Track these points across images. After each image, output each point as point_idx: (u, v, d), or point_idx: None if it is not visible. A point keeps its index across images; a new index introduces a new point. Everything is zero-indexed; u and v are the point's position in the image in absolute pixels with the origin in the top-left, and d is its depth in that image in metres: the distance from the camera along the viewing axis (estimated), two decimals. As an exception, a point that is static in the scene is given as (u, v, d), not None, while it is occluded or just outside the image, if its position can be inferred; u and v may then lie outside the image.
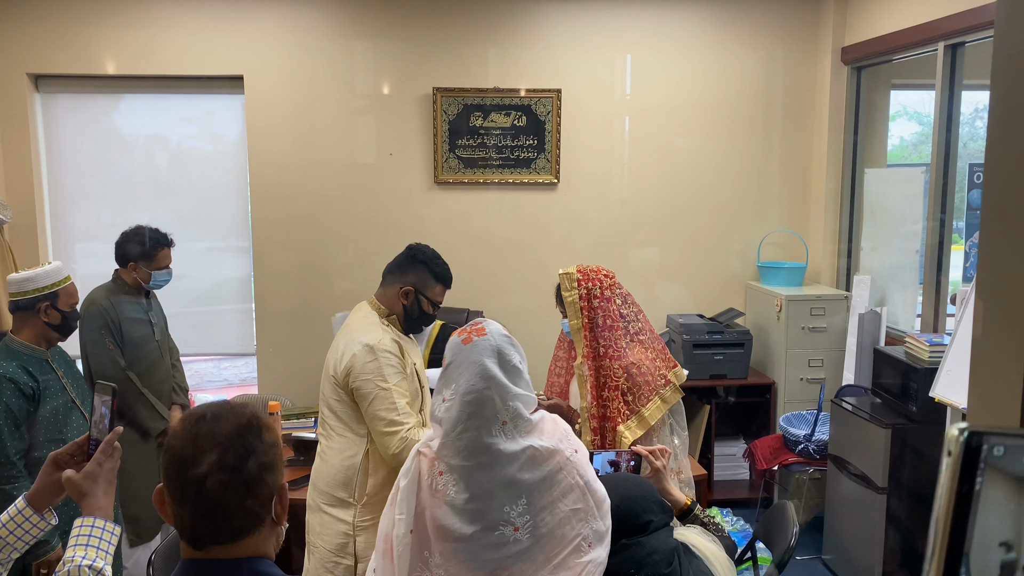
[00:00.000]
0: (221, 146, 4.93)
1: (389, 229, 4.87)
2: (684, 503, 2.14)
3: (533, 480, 1.60)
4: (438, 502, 1.61)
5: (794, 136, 5.02)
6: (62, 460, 1.58)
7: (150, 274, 3.55)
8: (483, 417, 1.60)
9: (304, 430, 3.59)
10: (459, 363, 1.66)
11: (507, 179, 4.87)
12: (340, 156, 4.81)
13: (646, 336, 2.65)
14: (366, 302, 2.66)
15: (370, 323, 2.55)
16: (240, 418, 1.26)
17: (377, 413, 2.43)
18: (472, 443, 1.60)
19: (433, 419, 1.69)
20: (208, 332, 5.02)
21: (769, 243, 5.05)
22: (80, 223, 4.88)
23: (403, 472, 1.69)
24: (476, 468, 1.59)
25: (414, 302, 2.60)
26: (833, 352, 4.63)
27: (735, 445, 4.92)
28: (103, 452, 1.55)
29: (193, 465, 1.22)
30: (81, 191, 4.84)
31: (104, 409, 1.59)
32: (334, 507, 2.54)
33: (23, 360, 2.70)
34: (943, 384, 3.35)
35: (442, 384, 1.68)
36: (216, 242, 4.98)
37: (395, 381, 2.44)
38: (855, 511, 3.81)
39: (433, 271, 2.63)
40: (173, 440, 1.26)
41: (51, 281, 2.75)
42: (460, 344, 1.69)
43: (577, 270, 2.66)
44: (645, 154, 4.95)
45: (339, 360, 2.51)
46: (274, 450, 1.28)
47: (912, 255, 4.29)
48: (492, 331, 1.70)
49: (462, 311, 4.77)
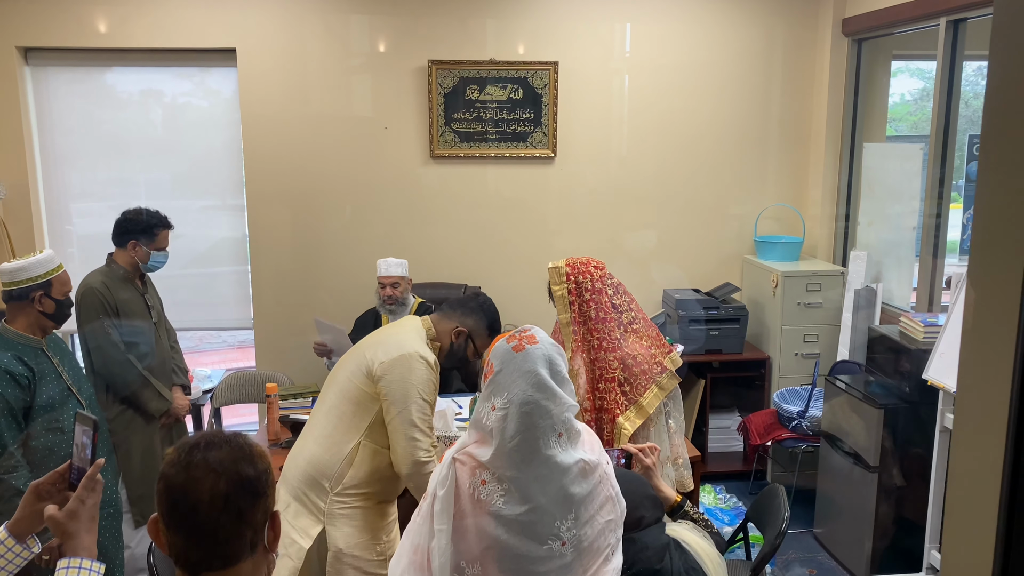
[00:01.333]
0: (216, 102, 4.84)
1: (385, 204, 4.85)
2: (674, 500, 2.17)
3: (582, 494, 1.59)
4: (481, 512, 1.57)
5: (793, 109, 4.97)
6: (43, 490, 1.57)
7: (149, 253, 3.53)
8: (541, 428, 1.57)
9: (301, 411, 3.61)
10: (511, 371, 1.60)
11: (503, 153, 4.84)
12: (334, 131, 4.76)
13: (640, 325, 2.66)
14: (420, 319, 2.67)
15: (420, 337, 2.58)
16: (233, 446, 1.28)
17: (410, 419, 2.43)
18: (531, 454, 1.56)
19: (476, 426, 1.64)
20: (206, 296, 5.02)
21: (766, 217, 5.03)
22: (76, 182, 4.85)
23: (438, 482, 1.63)
24: (533, 480, 1.56)
25: (463, 343, 2.65)
26: (828, 328, 4.65)
27: (729, 418, 4.96)
28: (85, 488, 1.52)
29: (187, 492, 1.23)
30: (75, 151, 4.80)
31: (85, 439, 1.57)
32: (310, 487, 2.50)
33: (18, 350, 2.70)
34: (936, 366, 3.37)
35: (490, 391, 1.63)
36: (212, 200, 4.94)
37: (432, 399, 2.49)
38: (846, 488, 3.86)
39: (490, 324, 2.69)
40: (167, 468, 1.27)
41: (44, 270, 2.75)
42: (511, 351, 1.63)
43: (566, 263, 2.66)
44: (642, 127, 4.91)
45: (384, 353, 2.49)
46: (267, 477, 1.29)
47: (909, 232, 4.29)
48: (542, 339, 1.66)
49: (459, 286, 4.77)
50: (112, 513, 2.97)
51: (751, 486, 4.66)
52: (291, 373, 4.59)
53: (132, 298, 3.52)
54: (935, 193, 4.09)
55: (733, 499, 4.22)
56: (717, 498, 4.18)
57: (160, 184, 4.91)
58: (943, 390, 3.31)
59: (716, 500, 4.17)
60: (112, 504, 2.97)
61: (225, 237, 4.96)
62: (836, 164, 4.88)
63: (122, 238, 3.54)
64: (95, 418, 1.58)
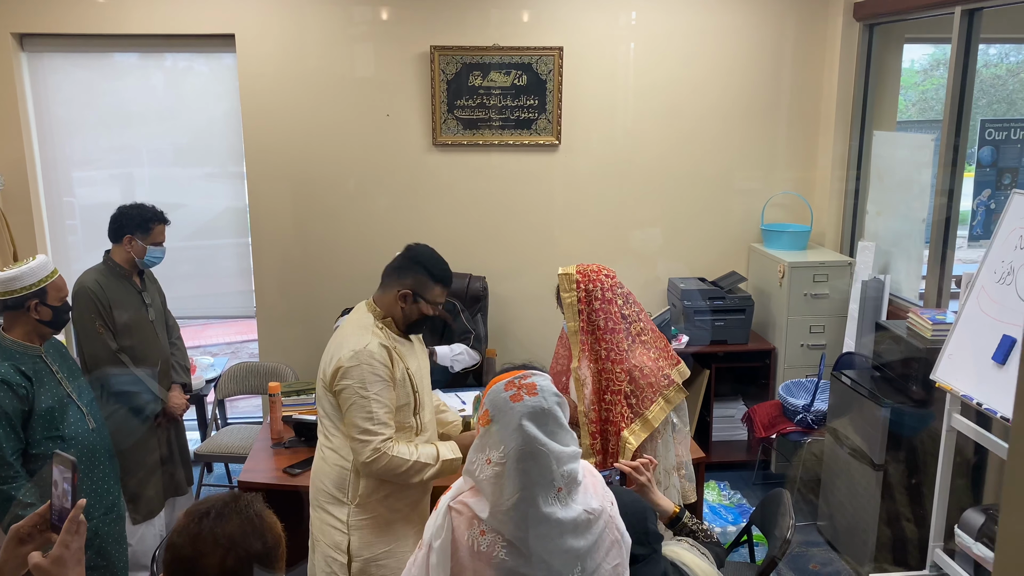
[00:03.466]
0: (217, 68, 4.76)
1: (386, 192, 4.80)
2: (672, 512, 2.14)
3: (587, 546, 1.53)
4: (482, 564, 1.51)
5: (802, 95, 4.88)
6: (24, 533, 1.54)
7: (145, 248, 3.49)
8: (539, 486, 1.49)
9: (305, 408, 3.59)
10: (508, 423, 1.52)
11: (507, 140, 4.76)
12: (335, 118, 4.69)
13: (648, 336, 2.61)
14: (364, 303, 2.62)
15: (362, 327, 2.52)
16: (244, 518, 1.25)
17: (353, 420, 2.43)
18: (528, 514, 1.49)
19: (470, 476, 1.57)
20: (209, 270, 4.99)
21: (774, 205, 4.97)
22: (79, 150, 4.81)
23: (433, 532, 1.57)
24: (535, 538, 1.50)
25: (412, 305, 2.54)
26: (834, 319, 4.61)
27: (734, 407, 4.95)
28: (68, 532, 1.48)
29: (193, 567, 1.21)
30: (74, 129, 4.76)
31: (66, 486, 1.52)
32: (331, 504, 2.56)
33: (15, 359, 2.68)
34: (944, 368, 3.33)
35: (485, 442, 1.54)
36: (213, 168, 4.90)
37: (376, 390, 2.42)
38: (851, 484, 3.85)
39: (432, 273, 2.55)
40: (175, 537, 1.24)
41: (38, 278, 2.71)
42: (508, 400, 1.54)
43: (577, 271, 2.60)
44: (649, 114, 4.82)
45: (328, 363, 2.50)
46: (276, 551, 1.27)
47: (919, 223, 4.22)
48: (543, 388, 1.56)
49: (464, 275, 4.73)
50: (115, 518, 2.97)
51: (755, 476, 4.66)
52: (295, 364, 4.58)
53: (128, 296, 3.49)
54: (946, 183, 4.02)
55: (737, 495, 4.21)
56: (721, 495, 4.17)
57: (162, 153, 4.87)
58: (951, 392, 3.28)
59: (720, 497, 4.16)
60: (115, 508, 2.97)
61: (227, 207, 4.92)
62: (845, 152, 4.80)
63: (118, 233, 3.50)
64: (73, 460, 1.53)
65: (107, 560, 2.91)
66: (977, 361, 3.19)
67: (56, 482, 1.55)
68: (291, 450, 3.32)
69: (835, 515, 4.01)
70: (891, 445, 3.60)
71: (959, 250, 4.24)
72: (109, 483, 2.93)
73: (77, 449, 2.79)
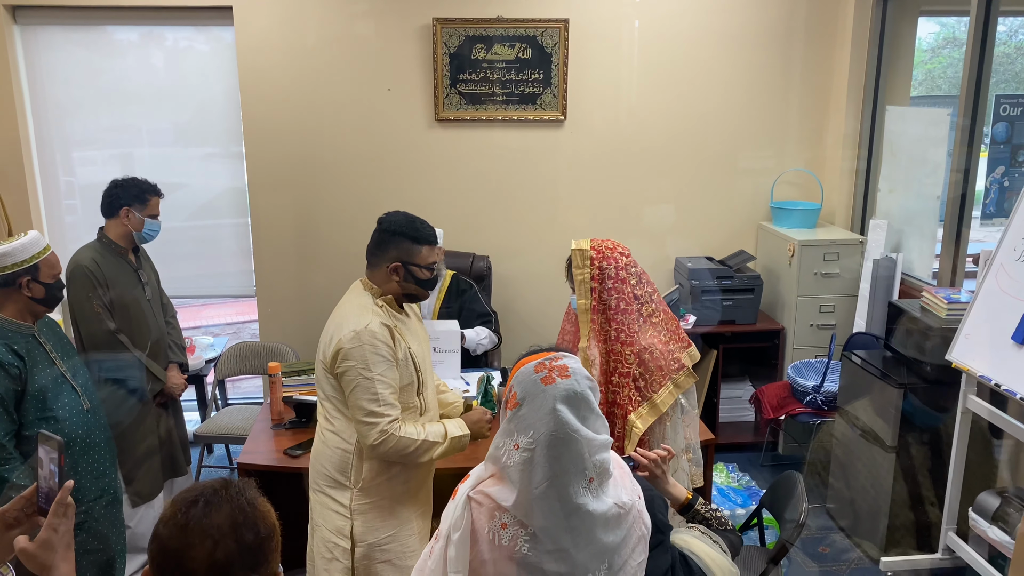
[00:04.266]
0: (218, 48, 4.65)
1: (388, 169, 4.70)
2: (684, 499, 2.07)
3: (616, 542, 1.45)
4: (503, 558, 1.42)
5: (813, 69, 4.76)
6: (9, 517, 1.47)
7: (143, 221, 3.40)
8: (570, 474, 1.40)
9: (306, 389, 3.52)
10: (538, 407, 1.42)
11: (511, 116, 4.66)
12: (335, 94, 4.58)
13: (660, 317, 2.52)
14: (359, 282, 2.54)
15: (360, 306, 2.44)
16: (235, 506, 1.17)
17: (358, 403, 2.35)
18: (558, 504, 1.40)
19: (494, 462, 1.48)
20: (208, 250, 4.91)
21: (783, 182, 4.87)
22: (76, 133, 4.72)
23: (452, 524, 1.48)
24: (563, 531, 1.41)
25: (406, 275, 2.47)
26: (845, 298, 4.52)
27: (741, 387, 4.88)
28: (56, 515, 1.41)
29: (181, 559, 1.13)
30: (72, 104, 4.66)
31: (52, 467, 1.46)
32: (332, 489, 2.50)
33: (8, 338, 2.60)
34: (960, 348, 3.25)
35: (514, 427, 1.44)
36: (213, 148, 4.82)
37: (379, 370, 2.35)
38: (862, 466, 3.78)
39: (412, 237, 2.46)
40: (161, 527, 1.16)
41: (30, 254, 2.62)
42: (539, 383, 1.44)
43: (591, 246, 2.50)
44: (656, 88, 4.71)
45: (328, 345, 2.42)
46: (269, 542, 1.19)
47: (933, 200, 4.12)
48: (575, 371, 1.47)
49: (467, 255, 4.64)
50: (111, 500, 2.90)
51: (762, 457, 4.60)
52: (295, 344, 4.50)
53: (124, 273, 3.40)
54: (962, 160, 3.92)
55: (746, 478, 4.15)
56: (729, 477, 4.11)
57: (162, 132, 4.79)
58: (967, 373, 3.20)
59: (728, 479, 4.10)
60: (111, 491, 2.90)
61: (227, 187, 4.83)
62: (857, 127, 4.69)
63: (112, 207, 3.40)
64: (59, 439, 1.46)
65: (104, 543, 2.85)
66: (995, 341, 3.11)
67: (42, 463, 1.48)
68: (292, 431, 3.25)
69: (845, 497, 3.95)
70: (904, 427, 3.53)
71: (973, 240, 4.14)
72: (105, 465, 2.86)
73: (71, 430, 2.72)
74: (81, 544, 2.74)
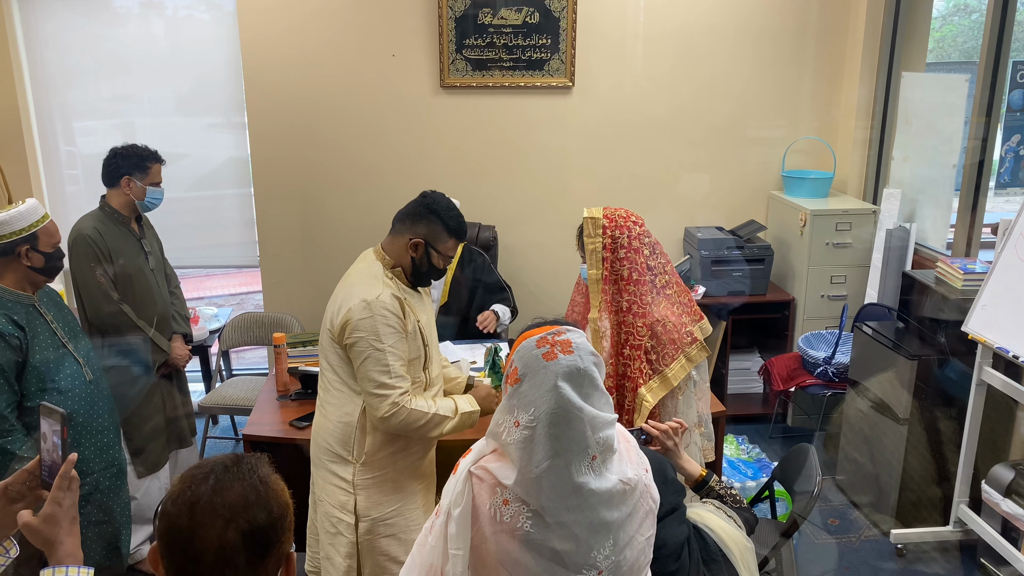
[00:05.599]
0: (219, 16, 4.56)
1: (392, 136, 4.62)
2: (699, 475, 2.03)
3: (621, 518, 1.40)
4: (505, 535, 1.38)
5: (827, 34, 4.65)
6: (12, 491, 1.43)
7: (144, 189, 3.34)
8: (572, 452, 1.35)
9: (311, 360, 3.48)
10: (540, 383, 1.37)
11: (518, 82, 4.56)
12: (338, 60, 4.48)
13: (673, 289, 2.46)
14: (372, 251, 2.48)
15: (372, 275, 2.38)
16: (247, 485, 1.12)
17: (368, 374, 2.31)
18: (559, 484, 1.36)
19: (495, 438, 1.43)
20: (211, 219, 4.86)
21: (795, 151, 4.78)
22: (79, 99, 4.65)
23: (452, 499, 1.44)
24: (564, 510, 1.36)
25: (423, 255, 2.40)
26: (857, 269, 4.46)
27: (749, 359, 4.83)
28: (60, 489, 1.37)
29: (191, 540, 1.08)
30: (72, 72, 4.58)
31: (55, 439, 1.42)
32: (334, 463, 2.45)
33: (8, 308, 2.55)
34: (977, 319, 3.20)
35: (514, 403, 1.39)
36: (215, 118, 4.75)
37: (391, 342, 2.30)
38: (873, 439, 3.75)
39: (446, 224, 2.40)
40: (170, 505, 1.11)
41: (28, 222, 2.57)
42: (540, 358, 1.39)
43: (604, 215, 2.43)
44: (666, 54, 4.61)
45: (336, 313, 2.36)
46: (282, 522, 1.14)
47: (948, 168, 4.04)
48: (579, 346, 1.41)
49: (473, 224, 4.58)
50: (116, 472, 2.87)
51: (771, 429, 4.56)
52: (300, 315, 4.46)
53: (127, 243, 3.34)
54: (980, 128, 3.83)
55: (756, 450, 4.11)
56: (739, 449, 4.07)
57: (163, 102, 4.73)
58: (984, 344, 3.15)
59: (738, 451, 4.07)
60: (116, 463, 2.87)
61: (230, 157, 4.76)
62: (871, 95, 4.59)
63: (114, 176, 3.33)
64: (63, 412, 1.42)
65: (109, 515, 2.82)
66: (1014, 312, 3.05)
67: (45, 436, 1.44)
68: (297, 402, 3.21)
69: (856, 470, 3.92)
70: (917, 399, 3.48)
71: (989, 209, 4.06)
72: (109, 437, 2.83)
73: (74, 402, 2.69)
74: (87, 516, 2.72)
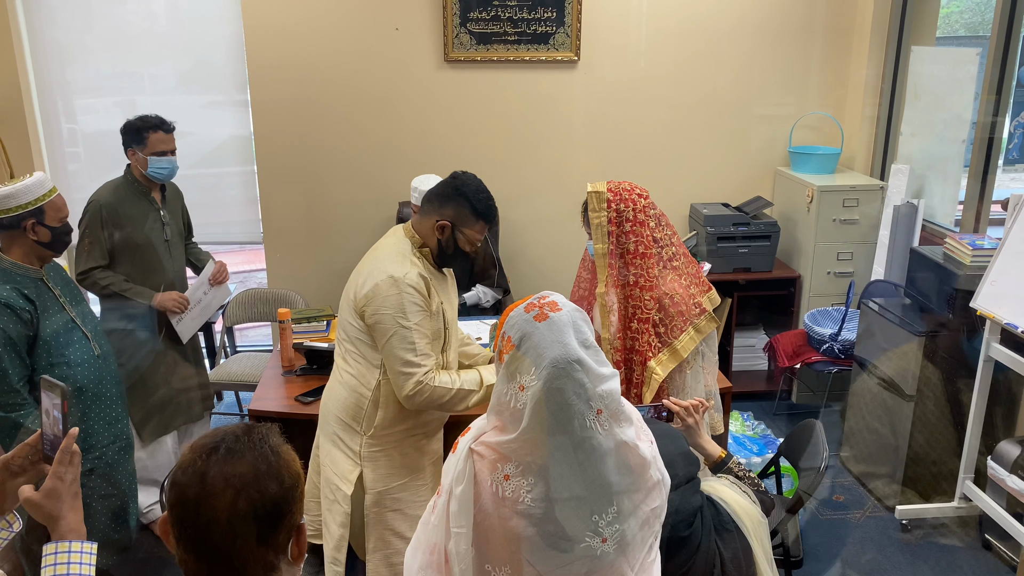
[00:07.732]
0: None
1: (395, 111, 4.58)
2: (718, 456, 2.02)
3: (625, 484, 1.39)
4: (507, 511, 1.37)
5: (836, 7, 4.59)
6: (14, 465, 1.43)
7: (146, 160, 3.32)
8: (576, 407, 1.35)
9: (316, 336, 3.47)
10: (536, 343, 1.38)
11: (523, 56, 4.52)
12: (341, 33, 4.44)
13: (680, 261, 2.45)
14: (401, 227, 2.46)
15: (400, 252, 2.37)
16: (258, 454, 1.11)
17: (394, 351, 2.30)
18: (565, 436, 1.35)
19: (498, 412, 1.43)
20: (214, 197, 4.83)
21: (802, 126, 4.74)
22: (80, 77, 4.61)
23: (454, 477, 1.43)
24: (566, 467, 1.36)
25: (450, 238, 2.38)
26: (864, 245, 4.44)
27: (755, 336, 4.82)
28: (61, 463, 1.36)
29: (200, 509, 1.08)
30: (74, 49, 4.54)
31: (57, 413, 1.42)
32: (343, 432, 2.46)
33: (17, 282, 2.54)
34: (986, 295, 3.18)
35: (513, 369, 1.39)
36: (218, 95, 4.72)
37: (416, 320, 2.29)
38: (879, 415, 3.74)
39: (475, 207, 2.37)
40: (179, 474, 1.11)
41: (34, 196, 2.55)
42: (532, 321, 1.40)
43: (608, 188, 2.41)
44: (673, 29, 4.56)
45: (361, 286, 2.35)
46: (293, 493, 1.14)
47: (958, 144, 4.00)
48: (565, 305, 1.43)
49: (476, 200, 4.55)
50: (124, 446, 2.88)
51: (776, 406, 4.57)
52: (305, 291, 4.45)
53: (143, 212, 3.34)
54: (990, 103, 3.79)
55: (761, 426, 4.12)
56: (745, 425, 4.08)
57: (164, 79, 4.69)
58: (992, 320, 3.14)
59: (744, 427, 4.07)
60: (124, 436, 2.88)
61: (232, 135, 4.73)
62: (880, 69, 4.55)
63: (124, 148, 3.35)
64: (63, 386, 1.42)
65: (116, 489, 2.83)
66: (1023, 288, 3.03)
67: (46, 410, 1.44)
68: (303, 378, 3.21)
69: (861, 447, 3.92)
70: (923, 376, 3.48)
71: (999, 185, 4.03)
72: (117, 411, 2.83)
73: (83, 376, 2.69)
74: (94, 490, 2.73)
